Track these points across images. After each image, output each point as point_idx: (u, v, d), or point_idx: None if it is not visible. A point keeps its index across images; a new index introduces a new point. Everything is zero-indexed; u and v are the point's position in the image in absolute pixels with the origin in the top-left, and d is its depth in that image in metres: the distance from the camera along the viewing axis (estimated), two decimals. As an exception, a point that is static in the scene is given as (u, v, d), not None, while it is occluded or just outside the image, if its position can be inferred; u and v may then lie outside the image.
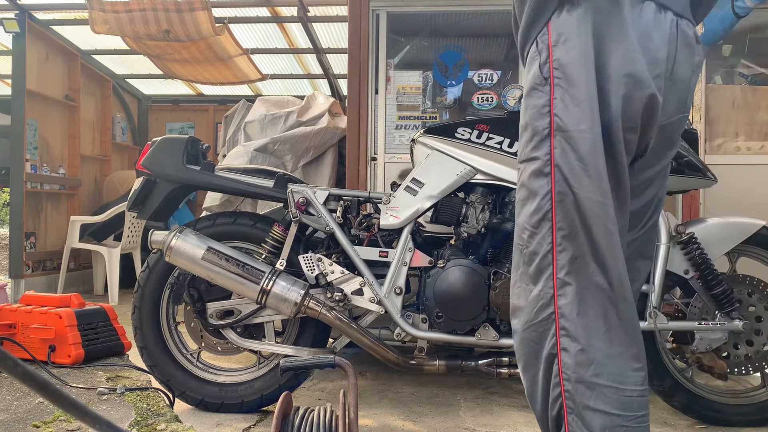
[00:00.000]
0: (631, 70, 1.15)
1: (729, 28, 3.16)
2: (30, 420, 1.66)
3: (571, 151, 1.16)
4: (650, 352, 2.26)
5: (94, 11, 4.72)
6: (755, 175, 3.65)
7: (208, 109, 7.16)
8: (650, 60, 1.17)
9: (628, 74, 1.16)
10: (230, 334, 2.31)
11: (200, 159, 2.41)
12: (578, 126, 1.15)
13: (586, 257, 1.16)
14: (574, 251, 1.17)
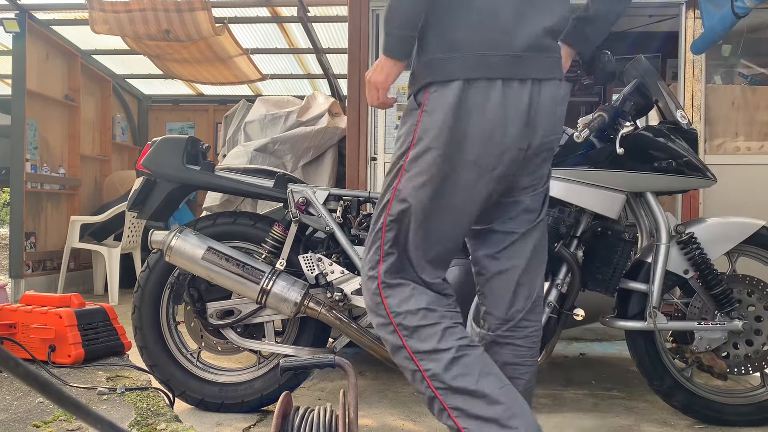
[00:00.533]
0: (476, 158, 1.41)
1: (729, 28, 3.16)
2: (30, 420, 1.66)
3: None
4: (650, 351, 2.27)
5: (94, 11, 4.72)
6: (755, 175, 3.65)
7: (208, 109, 7.16)
8: (497, 151, 1.40)
9: (474, 162, 1.41)
10: (230, 333, 2.31)
11: (200, 159, 2.41)
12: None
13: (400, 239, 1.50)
14: (396, 232, 1.49)
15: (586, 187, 2.18)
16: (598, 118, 2.15)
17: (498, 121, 1.37)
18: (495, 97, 1.36)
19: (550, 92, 1.41)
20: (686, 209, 3.64)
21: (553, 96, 1.42)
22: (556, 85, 1.43)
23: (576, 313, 2.18)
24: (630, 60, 2.38)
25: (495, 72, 1.35)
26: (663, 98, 2.30)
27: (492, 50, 1.36)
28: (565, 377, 2.92)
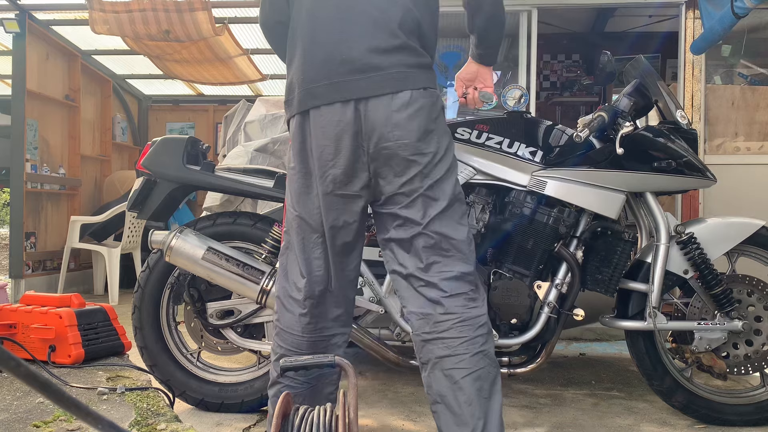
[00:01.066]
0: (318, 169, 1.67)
1: (728, 29, 3.17)
2: (30, 420, 1.66)
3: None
4: (650, 351, 2.27)
5: (94, 11, 4.72)
6: (755, 175, 3.65)
7: (208, 109, 7.16)
8: (329, 161, 1.64)
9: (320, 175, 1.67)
10: (230, 333, 2.32)
11: (200, 159, 2.41)
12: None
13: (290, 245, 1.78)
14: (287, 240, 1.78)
15: (586, 187, 2.18)
16: (598, 118, 2.16)
17: (332, 137, 1.61)
18: (327, 118, 1.62)
19: (381, 105, 1.59)
20: (686, 209, 3.64)
21: (385, 108, 1.59)
22: (388, 98, 1.59)
23: (576, 313, 2.18)
24: (630, 60, 2.38)
25: (323, 100, 1.61)
26: (663, 98, 2.30)
27: (315, 83, 1.63)
28: (565, 377, 2.93)
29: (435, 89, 1.68)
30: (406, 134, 1.61)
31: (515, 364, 2.24)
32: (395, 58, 1.61)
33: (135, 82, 6.88)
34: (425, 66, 1.67)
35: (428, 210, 1.66)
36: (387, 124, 1.60)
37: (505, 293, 2.17)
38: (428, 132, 1.64)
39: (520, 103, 3.31)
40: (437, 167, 1.66)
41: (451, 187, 1.68)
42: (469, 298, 1.68)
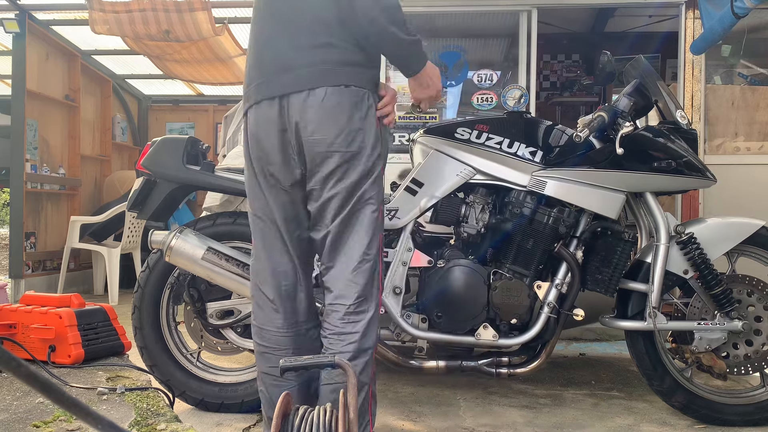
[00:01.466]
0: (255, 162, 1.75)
1: (728, 29, 3.16)
2: (30, 420, 1.66)
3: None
4: (649, 351, 2.27)
5: (94, 11, 4.72)
6: (755, 175, 3.65)
7: (208, 109, 7.16)
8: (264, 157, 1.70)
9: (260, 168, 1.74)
10: (230, 333, 2.32)
11: (200, 159, 2.41)
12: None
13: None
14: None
15: (586, 187, 2.18)
16: (598, 118, 2.16)
17: (263, 133, 1.68)
18: (258, 116, 1.69)
19: (298, 101, 1.62)
20: (686, 209, 3.64)
21: (302, 104, 1.62)
22: (305, 95, 1.62)
23: (576, 313, 2.18)
24: (630, 60, 2.38)
25: (255, 98, 1.69)
26: (663, 98, 2.30)
27: (253, 83, 1.70)
28: (565, 377, 2.93)
29: (362, 88, 1.65)
30: (319, 130, 1.62)
31: (515, 364, 2.24)
32: (317, 55, 1.63)
33: (135, 82, 6.88)
34: (353, 63, 1.64)
35: (338, 212, 1.66)
36: (302, 119, 1.63)
37: (505, 293, 2.17)
38: (350, 131, 1.63)
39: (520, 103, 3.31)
40: (356, 169, 1.64)
41: (363, 191, 1.65)
42: (349, 312, 1.66)
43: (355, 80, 1.65)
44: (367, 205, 1.67)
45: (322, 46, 1.63)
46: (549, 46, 5.79)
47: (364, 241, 1.67)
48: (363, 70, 1.68)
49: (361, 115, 1.65)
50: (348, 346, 1.65)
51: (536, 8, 3.86)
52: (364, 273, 1.67)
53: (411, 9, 3.93)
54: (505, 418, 2.33)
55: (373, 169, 1.67)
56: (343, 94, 1.63)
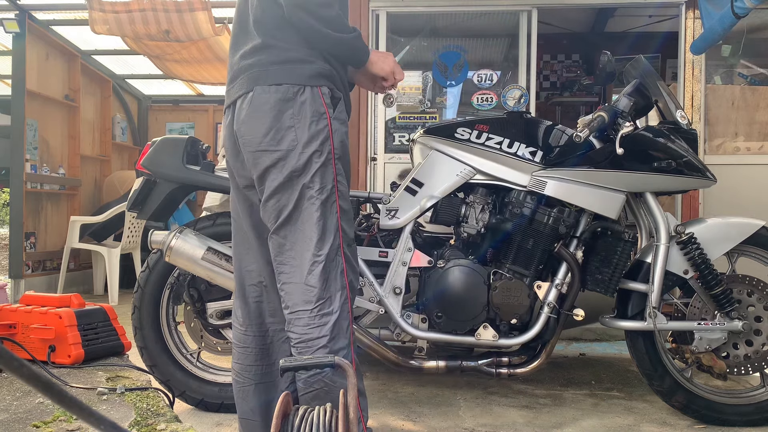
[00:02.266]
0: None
1: (728, 29, 3.17)
2: (30, 420, 1.66)
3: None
4: (650, 351, 2.27)
5: (94, 11, 4.72)
6: (755, 175, 3.66)
7: (208, 109, 7.16)
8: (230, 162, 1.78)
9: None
10: (230, 334, 2.31)
11: (200, 159, 2.41)
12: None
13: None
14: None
15: (586, 187, 2.18)
16: (598, 118, 2.16)
17: (227, 142, 1.75)
18: (224, 126, 1.78)
19: (239, 111, 1.67)
20: (686, 209, 3.64)
21: (239, 108, 1.67)
22: (240, 101, 1.67)
23: (576, 313, 2.18)
24: (630, 60, 2.38)
25: (226, 104, 1.75)
26: (663, 98, 2.30)
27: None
28: (565, 377, 2.93)
29: (295, 84, 1.61)
30: (248, 130, 1.64)
31: (515, 364, 2.24)
32: (254, 59, 1.66)
33: (135, 82, 6.88)
34: (289, 61, 1.63)
35: (278, 214, 1.63)
36: (238, 122, 1.67)
37: (505, 293, 2.17)
38: (278, 129, 1.60)
39: (520, 103, 3.31)
40: (288, 167, 1.60)
41: (301, 190, 1.60)
42: (312, 317, 1.61)
43: (286, 78, 1.62)
44: (308, 203, 1.61)
45: (259, 49, 1.65)
46: (549, 46, 5.79)
47: (312, 240, 1.61)
48: (300, 66, 1.63)
49: (293, 112, 1.60)
50: (318, 352, 1.60)
51: (536, 8, 3.86)
52: (318, 275, 1.61)
53: (411, 9, 3.93)
54: (505, 418, 2.33)
55: (309, 164, 1.60)
56: (270, 93, 1.61)
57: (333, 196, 1.64)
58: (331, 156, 1.63)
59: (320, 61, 1.66)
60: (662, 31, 5.03)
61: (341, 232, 1.66)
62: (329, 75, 1.68)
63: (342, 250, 1.65)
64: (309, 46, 1.64)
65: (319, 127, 1.61)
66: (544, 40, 4.84)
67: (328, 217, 1.63)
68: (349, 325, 1.67)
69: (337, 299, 1.63)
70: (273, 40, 1.64)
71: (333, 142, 1.63)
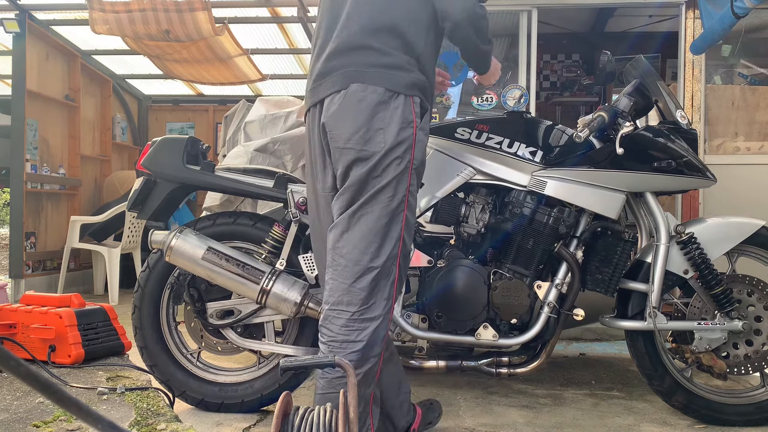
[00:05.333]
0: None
1: (728, 29, 3.17)
2: (30, 420, 1.66)
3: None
4: (650, 351, 2.27)
5: (94, 11, 4.71)
6: (755, 175, 3.65)
7: (208, 109, 7.16)
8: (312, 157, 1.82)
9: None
10: (230, 333, 2.31)
11: (200, 159, 2.41)
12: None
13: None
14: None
15: (586, 187, 2.18)
16: (598, 118, 2.16)
17: (310, 141, 1.81)
18: (308, 120, 1.82)
19: (329, 105, 1.70)
20: (686, 209, 3.64)
21: (328, 107, 1.71)
22: (330, 98, 1.70)
23: (576, 313, 2.18)
24: (630, 60, 2.38)
25: (308, 105, 1.81)
26: (663, 98, 2.30)
27: (307, 90, 1.84)
28: (565, 377, 2.93)
29: (389, 89, 1.64)
30: (338, 125, 1.67)
31: (515, 364, 2.24)
32: (349, 59, 1.70)
33: (135, 82, 6.87)
34: (386, 66, 1.67)
35: (348, 208, 1.67)
36: (327, 115, 1.70)
37: (505, 293, 2.17)
38: (368, 129, 1.62)
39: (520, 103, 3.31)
40: (368, 167, 1.62)
41: (373, 194, 1.63)
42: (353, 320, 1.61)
43: (384, 82, 1.65)
44: (378, 206, 1.62)
45: (356, 50, 1.69)
46: (549, 46, 5.79)
47: (372, 245, 1.61)
48: (399, 73, 1.67)
49: (385, 115, 1.63)
50: (351, 355, 1.59)
51: (536, 8, 3.86)
52: (369, 281, 1.61)
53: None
54: (505, 418, 2.33)
55: (387, 169, 1.62)
56: (367, 93, 1.64)
57: (402, 205, 1.66)
58: (410, 165, 1.66)
59: (417, 72, 1.71)
60: (662, 31, 5.04)
61: (401, 243, 1.67)
62: (423, 86, 1.72)
63: (398, 261, 1.66)
64: (409, 54, 1.69)
65: (406, 135, 1.64)
66: (544, 40, 4.84)
67: (393, 225, 1.64)
68: (385, 336, 1.67)
69: (382, 307, 1.63)
70: (374, 43, 1.67)
71: (414, 152, 1.67)
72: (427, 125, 1.74)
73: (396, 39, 1.67)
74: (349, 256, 1.63)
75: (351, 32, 1.70)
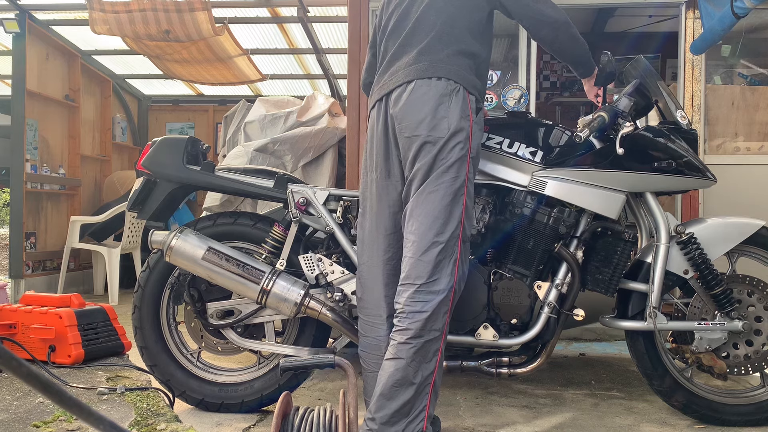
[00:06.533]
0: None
1: (728, 28, 3.16)
2: (30, 420, 1.66)
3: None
4: (650, 351, 2.27)
5: (94, 11, 4.72)
6: (755, 175, 3.65)
7: (208, 109, 7.16)
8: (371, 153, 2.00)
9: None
10: (230, 334, 2.31)
11: (200, 159, 2.41)
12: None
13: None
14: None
15: (586, 187, 2.18)
16: (598, 119, 2.16)
17: (375, 132, 1.97)
18: (373, 116, 2.00)
19: (396, 99, 1.89)
20: (686, 209, 3.64)
21: (396, 100, 1.88)
22: (402, 87, 1.88)
23: (576, 313, 2.18)
24: (630, 60, 2.38)
25: (374, 100, 2.00)
26: (663, 98, 2.30)
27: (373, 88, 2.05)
28: (565, 377, 2.93)
29: (455, 81, 1.83)
30: (406, 116, 1.84)
31: (515, 364, 2.24)
32: (417, 56, 1.89)
33: (135, 82, 6.88)
34: (450, 63, 1.85)
35: (417, 187, 1.82)
36: (396, 108, 1.87)
37: (505, 293, 2.17)
38: (434, 117, 1.79)
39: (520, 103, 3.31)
40: (435, 150, 1.78)
41: (438, 175, 1.79)
42: (419, 291, 1.77)
43: (449, 74, 1.83)
44: (442, 186, 1.78)
45: (424, 51, 1.88)
46: (549, 46, 5.78)
47: (438, 221, 1.77)
48: (461, 70, 1.86)
49: (448, 105, 1.80)
50: (415, 324, 1.73)
51: (536, 8, 3.85)
52: (435, 255, 1.75)
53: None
54: (505, 418, 2.33)
55: (452, 152, 1.78)
56: (431, 86, 1.82)
57: (463, 188, 1.82)
58: (468, 154, 1.83)
59: (473, 75, 1.91)
60: (662, 31, 5.03)
61: (462, 226, 1.82)
62: (479, 88, 1.92)
63: (460, 241, 1.81)
64: (469, 59, 1.90)
65: (465, 124, 1.82)
66: (544, 40, 4.82)
67: (455, 205, 1.80)
68: (447, 314, 1.79)
69: (446, 283, 1.77)
70: (437, 45, 1.88)
71: (471, 143, 1.84)
72: (481, 122, 1.93)
73: (458, 44, 1.87)
74: (417, 232, 1.78)
75: (419, 36, 1.90)
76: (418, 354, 1.73)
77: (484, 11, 1.99)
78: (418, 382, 1.73)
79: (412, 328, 1.73)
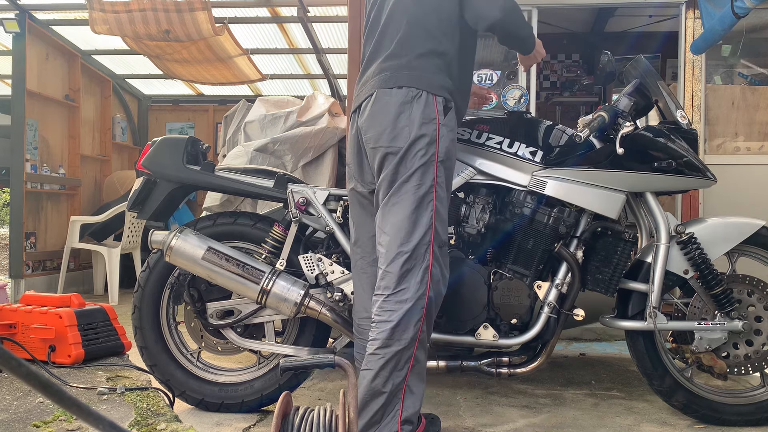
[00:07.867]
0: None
1: (728, 28, 3.16)
2: (30, 420, 1.66)
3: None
4: (650, 351, 2.27)
5: (94, 11, 4.72)
6: (755, 175, 3.65)
7: (208, 109, 7.16)
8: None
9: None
10: (230, 334, 2.31)
11: (200, 159, 2.41)
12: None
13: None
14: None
15: (586, 187, 2.18)
16: (598, 118, 2.16)
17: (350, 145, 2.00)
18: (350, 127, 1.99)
19: (363, 110, 1.89)
20: (686, 209, 3.64)
21: (362, 112, 1.89)
22: (367, 100, 1.88)
23: (576, 313, 2.18)
24: (630, 60, 2.38)
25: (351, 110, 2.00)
26: (663, 98, 2.30)
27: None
28: (565, 377, 2.93)
29: (416, 88, 1.80)
30: (369, 128, 1.84)
31: (515, 364, 2.24)
32: (385, 64, 1.87)
33: (135, 82, 6.88)
34: (414, 68, 1.83)
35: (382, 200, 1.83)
36: (362, 120, 1.88)
37: (505, 293, 2.17)
38: (394, 127, 1.78)
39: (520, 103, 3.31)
40: (395, 161, 1.78)
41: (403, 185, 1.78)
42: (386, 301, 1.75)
43: (408, 81, 1.81)
44: (404, 196, 1.77)
45: (390, 58, 1.86)
46: (549, 46, 5.77)
47: (402, 231, 1.76)
48: (426, 74, 1.83)
49: (408, 114, 1.78)
50: (382, 333, 1.72)
51: (536, 8, 3.86)
52: (400, 265, 1.74)
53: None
54: (505, 418, 2.33)
55: (413, 161, 1.77)
56: (392, 96, 1.81)
57: (430, 195, 1.78)
58: (435, 158, 1.80)
59: (442, 74, 1.87)
60: (662, 31, 5.03)
61: (433, 231, 1.78)
62: (450, 87, 1.88)
63: (431, 249, 1.77)
64: (437, 58, 1.87)
65: (428, 129, 1.78)
66: (544, 40, 4.82)
67: (421, 213, 1.77)
68: (420, 322, 1.75)
69: (413, 291, 1.74)
70: (403, 49, 1.85)
71: (438, 146, 1.80)
72: (452, 122, 1.87)
73: (424, 44, 1.84)
74: (384, 244, 1.79)
75: (387, 41, 1.88)
76: (389, 363, 1.71)
77: (454, 2, 1.88)
78: (389, 390, 1.72)
79: (379, 338, 1.72)
